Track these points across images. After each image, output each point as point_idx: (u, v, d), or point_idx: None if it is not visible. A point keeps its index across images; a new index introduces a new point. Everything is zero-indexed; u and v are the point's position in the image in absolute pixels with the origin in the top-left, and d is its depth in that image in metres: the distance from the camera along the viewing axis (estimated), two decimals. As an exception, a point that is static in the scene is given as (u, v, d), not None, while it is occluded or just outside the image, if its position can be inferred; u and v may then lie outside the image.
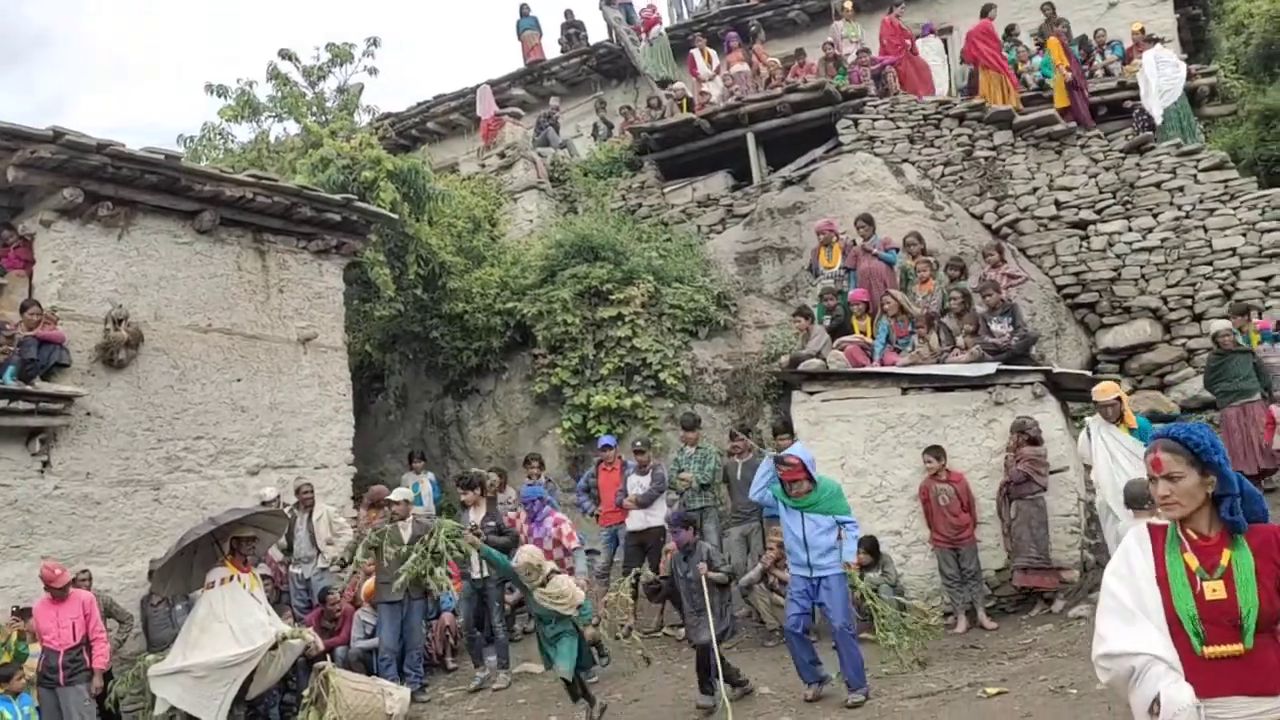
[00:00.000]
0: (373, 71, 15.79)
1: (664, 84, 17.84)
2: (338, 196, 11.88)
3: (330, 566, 10.27)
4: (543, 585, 7.31)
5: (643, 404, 12.69)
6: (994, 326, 9.98)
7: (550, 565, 7.64)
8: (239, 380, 11.13)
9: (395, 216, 12.50)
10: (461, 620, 9.76)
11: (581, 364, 12.99)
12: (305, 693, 7.98)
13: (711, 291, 13.42)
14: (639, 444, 10.68)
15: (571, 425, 12.79)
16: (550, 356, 13.28)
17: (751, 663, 8.53)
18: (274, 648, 7.93)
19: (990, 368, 9.51)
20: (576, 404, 12.83)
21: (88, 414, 9.82)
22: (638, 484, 10.22)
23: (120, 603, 9.31)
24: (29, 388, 9.25)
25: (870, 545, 8.88)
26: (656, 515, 10.07)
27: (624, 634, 8.58)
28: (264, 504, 9.86)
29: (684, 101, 16.43)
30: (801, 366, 10.25)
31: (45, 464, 9.50)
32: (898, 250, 11.35)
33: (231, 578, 8.13)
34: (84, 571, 9.06)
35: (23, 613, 8.24)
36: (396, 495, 9.64)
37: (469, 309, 13.62)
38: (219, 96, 14.61)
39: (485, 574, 9.08)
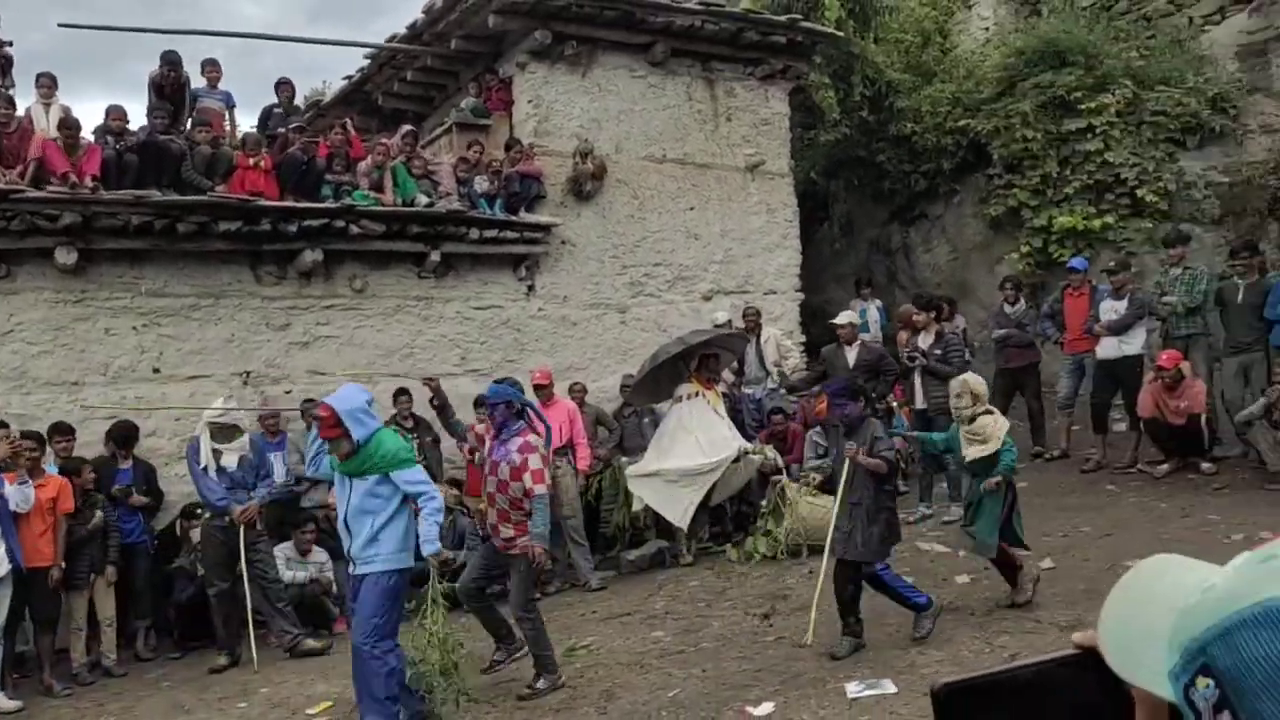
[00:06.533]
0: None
1: None
2: (783, 18, 11.66)
3: (779, 388, 10.49)
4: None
5: (1114, 224, 11.44)
6: None
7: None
8: (692, 209, 11.52)
9: (841, 35, 12.03)
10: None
11: (1043, 183, 11.92)
12: (763, 503, 8.31)
13: (1205, 93, 11.56)
14: (1115, 264, 9.64)
15: (1030, 250, 11.87)
16: (1007, 177, 12.33)
17: (1248, 505, 7.54)
18: (736, 460, 8.29)
19: None
20: (1036, 227, 11.86)
21: (562, 242, 10.70)
22: (1112, 309, 9.25)
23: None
24: (515, 218, 10.24)
25: None
26: (1133, 343, 9.13)
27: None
28: (716, 327, 10.20)
29: None
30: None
31: (530, 288, 10.55)
32: None
33: (697, 393, 8.58)
34: (578, 384, 9.91)
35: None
36: (841, 319, 9.52)
37: (917, 129, 12.90)
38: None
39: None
